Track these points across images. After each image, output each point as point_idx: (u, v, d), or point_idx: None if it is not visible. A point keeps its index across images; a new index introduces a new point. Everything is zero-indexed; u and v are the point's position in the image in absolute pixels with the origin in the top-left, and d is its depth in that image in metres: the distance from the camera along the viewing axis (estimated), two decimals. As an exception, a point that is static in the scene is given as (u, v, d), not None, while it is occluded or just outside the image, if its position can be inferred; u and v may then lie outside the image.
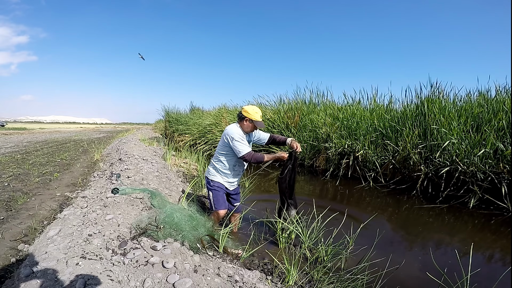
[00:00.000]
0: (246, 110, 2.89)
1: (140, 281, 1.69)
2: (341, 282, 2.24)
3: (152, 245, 2.11)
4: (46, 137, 15.77)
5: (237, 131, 2.88)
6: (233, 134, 2.84)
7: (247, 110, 2.88)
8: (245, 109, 2.90)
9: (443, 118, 4.91)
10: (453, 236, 3.35)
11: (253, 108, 2.90)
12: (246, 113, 2.88)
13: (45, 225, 2.78)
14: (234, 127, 2.92)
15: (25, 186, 4.24)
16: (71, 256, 1.82)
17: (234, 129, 2.89)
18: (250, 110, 2.87)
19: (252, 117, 2.86)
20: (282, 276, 2.31)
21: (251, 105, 2.91)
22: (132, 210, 2.89)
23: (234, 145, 2.84)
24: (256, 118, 2.86)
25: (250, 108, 2.90)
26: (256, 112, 2.87)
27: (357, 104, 7.39)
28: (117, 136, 16.55)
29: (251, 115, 2.86)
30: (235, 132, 2.86)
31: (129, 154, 6.50)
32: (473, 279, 2.09)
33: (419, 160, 4.97)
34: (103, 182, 4.08)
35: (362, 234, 2.86)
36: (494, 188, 4.09)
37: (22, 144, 11.16)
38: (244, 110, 2.90)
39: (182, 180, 5.33)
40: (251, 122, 2.89)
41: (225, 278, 1.98)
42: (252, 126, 2.93)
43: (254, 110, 2.88)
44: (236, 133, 2.85)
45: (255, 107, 2.93)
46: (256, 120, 2.87)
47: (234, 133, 2.85)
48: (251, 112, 2.86)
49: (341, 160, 6.14)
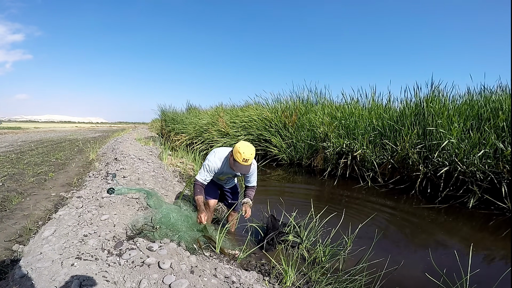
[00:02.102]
0: (235, 146, 2.63)
1: (136, 282, 1.67)
2: (339, 283, 2.23)
3: (148, 245, 2.08)
4: (41, 137, 15.63)
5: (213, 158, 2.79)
6: (209, 157, 2.83)
7: (235, 147, 2.61)
8: (236, 145, 2.63)
9: (442, 117, 4.91)
10: (452, 236, 3.35)
11: (240, 147, 2.58)
12: (233, 150, 2.63)
13: (40, 225, 2.75)
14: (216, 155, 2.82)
15: (19, 186, 4.19)
16: (66, 257, 1.80)
17: (212, 156, 2.82)
18: (236, 149, 2.59)
19: (234, 156, 2.59)
20: (280, 277, 2.29)
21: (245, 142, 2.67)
22: (128, 210, 2.86)
23: (201, 167, 2.86)
24: (237, 158, 2.56)
25: (239, 145, 2.61)
26: (239, 153, 2.54)
27: (355, 103, 7.38)
28: (113, 136, 16.46)
29: (235, 154, 2.58)
30: (211, 158, 2.81)
31: (125, 153, 6.45)
32: (472, 279, 2.08)
33: (418, 159, 4.98)
34: (99, 182, 4.05)
35: (360, 235, 2.85)
36: (494, 188, 4.09)
37: (17, 143, 11.06)
38: (235, 146, 2.64)
39: (178, 180, 5.30)
40: (233, 161, 2.63)
41: (222, 279, 1.96)
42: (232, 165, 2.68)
43: (239, 149, 2.56)
44: (211, 161, 2.78)
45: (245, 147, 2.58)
46: (236, 160, 2.58)
47: (209, 157, 2.82)
48: (236, 151, 2.58)
49: (339, 160, 6.14)
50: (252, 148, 2.62)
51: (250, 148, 2.60)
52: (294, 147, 7.56)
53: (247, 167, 2.64)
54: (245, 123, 8.85)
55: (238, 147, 2.58)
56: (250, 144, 2.64)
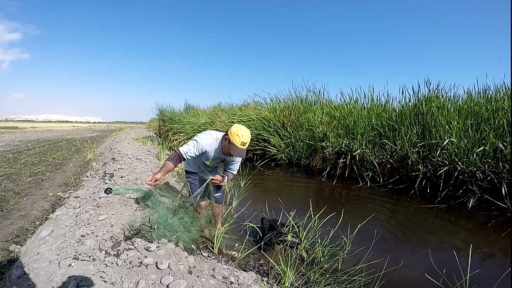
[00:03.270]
0: (232, 129, 2.46)
1: (134, 282, 1.66)
2: (338, 284, 2.22)
3: (146, 246, 2.07)
4: (38, 136, 15.58)
5: (204, 137, 2.60)
6: (200, 135, 2.62)
7: (232, 129, 2.45)
8: (232, 127, 2.47)
9: (442, 116, 4.90)
10: (452, 236, 3.34)
11: (238, 129, 2.43)
12: (230, 132, 2.46)
13: (37, 225, 2.74)
14: (208, 135, 2.62)
15: (16, 186, 4.17)
16: (63, 257, 1.79)
17: (204, 134, 2.62)
18: (233, 131, 2.43)
19: (232, 138, 2.42)
20: (278, 278, 2.28)
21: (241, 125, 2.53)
22: (125, 211, 2.85)
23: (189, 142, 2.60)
24: (234, 141, 2.41)
25: (236, 127, 2.46)
26: (237, 136, 2.40)
27: (354, 102, 7.38)
28: (110, 135, 16.42)
29: (233, 137, 2.41)
30: (202, 136, 2.61)
31: (123, 153, 6.43)
32: (472, 280, 2.08)
33: (417, 159, 4.97)
34: (96, 182, 4.03)
35: (359, 235, 2.84)
36: (494, 188, 4.09)
37: (14, 143, 11.01)
38: (231, 128, 2.47)
39: (176, 180, 5.28)
40: (229, 143, 2.46)
41: (220, 279, 1.95)
42: (227, 149, 2.51)
43: (237, 132, 2.41)
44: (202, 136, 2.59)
45: (243, 130, 2.45)
46: (234, 143, 2.41)
47: (200, 135, 2.61)
48: (234, 133, 2.41)
49: (338, 160, 6.13)
50: (249, 132, 2.50)
51: (247, 132, 2.48)
52: (293, 147, 7.56)
53: (243, 151, 2.49)
54: (244, 123, 8.84)
55: (236, 130, 2.42)
56: (246, 128, 2.52)
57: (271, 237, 2.88)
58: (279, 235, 2.94)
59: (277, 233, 2.94)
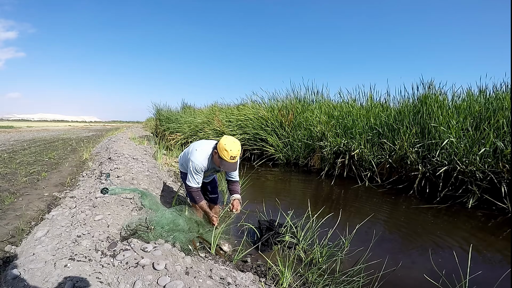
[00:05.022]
0: (220, 143, 2.49)
1: (130, 283, 1.65)
2: (336, 285, 2.21)
3: (143, 246, 2.05)
4: (33, 136, 15.45)
5: (197, 159, 2.61)
6: (192, 158, 2.62)
7: (221, 144, 2.47)
8: (220, 141, 2.49)
9: (441, 116, 4.90)
10: (451, 237, 3.32)
11: (226, 144, 2.45)
12: (218, 147, 2.50)
13: (32, 226, 2.70)
14: (199, 154, 2.63)
15: (12, 186, 4.12)
16: (59, 258, 1.78)
17: (195, 156, 2.62)
18: (221, 146, 2.45)
19: (221, 154, 2.47)
20: (276, 278, 2.27)
21: (230, 137, 2.54)
22: (122, 211, 2.83)
23: (189, 171, 2.67)
24: (224, 157, 2.45)
25: (224, 141, 2.47)
26: (226, 151, 2.43)
27: (353, 102, 7.38)
28: (107, 135, 16.33)
29: (221, 152, 2.46)
30: (194, 159, 2.60)
31: (119, 153, 6.39)
32: (472, 280, 2.07)
33: (416, 159, 4.98)
34: (92, 181, 3.99)
35: (358, 235, 2.83)
36: (494, 188, 4.09)
37: (9, 142, 10.92)
38: (220, 142, 2.50)
39: (173, 180, 5.26)
40: (219, 158, 2.51)
41: (218, 280, 1.94)
42: (218, 163, 2.56)
43: (225, 146, 2.43)
44: (197, 162, 2.60)
45: (231, 143, 2.46)
46: (223, 158, 2.47)
47: (192, 159, 2.61)
48: (222, 148, 2.45)
49: (337, 159, 6.13)
50: (238, 144, 2.50)
51: (236, 144, 2.48)
52: (291, 147, 7.55)
53: (234, 164, 2.53)
54: (241, 122, 8.82)
55: (223, 144, 2.44)
56: (235, 139, 2.53)
57: (268, 237, 2.86)
58: (277, 236, 2.92)
59: (275, 234, 2.93)
